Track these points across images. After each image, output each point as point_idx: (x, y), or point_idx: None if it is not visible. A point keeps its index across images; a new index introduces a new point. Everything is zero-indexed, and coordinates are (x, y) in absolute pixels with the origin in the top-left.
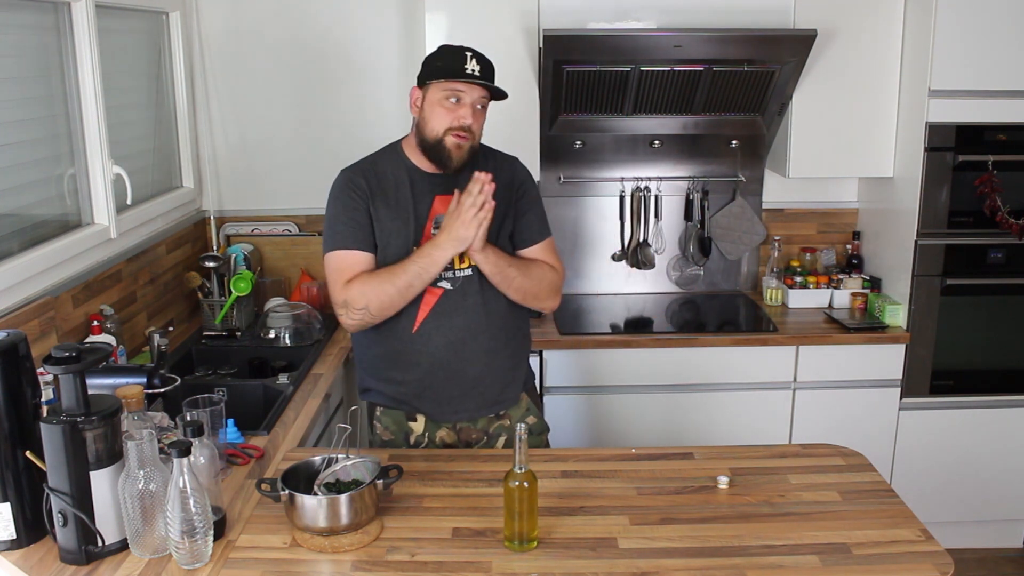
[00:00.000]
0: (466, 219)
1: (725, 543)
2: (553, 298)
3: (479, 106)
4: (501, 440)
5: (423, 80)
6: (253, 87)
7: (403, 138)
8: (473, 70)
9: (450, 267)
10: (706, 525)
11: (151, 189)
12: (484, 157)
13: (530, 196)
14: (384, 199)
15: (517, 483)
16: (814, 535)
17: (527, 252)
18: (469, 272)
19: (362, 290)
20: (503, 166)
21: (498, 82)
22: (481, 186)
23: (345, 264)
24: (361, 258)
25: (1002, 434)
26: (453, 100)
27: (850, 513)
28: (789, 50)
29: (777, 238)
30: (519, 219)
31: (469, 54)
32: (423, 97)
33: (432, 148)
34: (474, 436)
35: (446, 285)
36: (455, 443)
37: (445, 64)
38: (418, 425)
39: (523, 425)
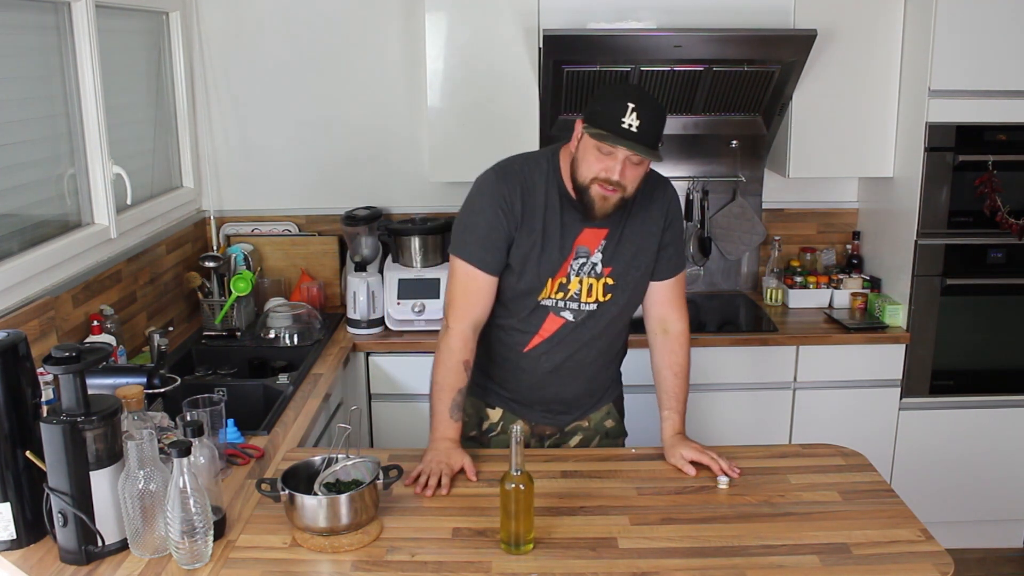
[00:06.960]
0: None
1: (725, 543)
2: None
3: (636, 160)
4: (575, 439)
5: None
6: (253, 87)
7: (563, 146)
8: (631, 125)
9: (576, 298)
10: (706, 525)
11: (151, 189)
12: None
13: (675, 228)
14: (530, 225)
15: (513, 485)
16: (814, 535)
17: (659, 284)
18: (594, 307)
19: (441, 347)
20: (656, 194)
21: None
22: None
23: (466, 285)
24: (483, 282)
25: (1002, 434)
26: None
27: (850, 513)
28: (789, 50)
29: (777, 238)
30: (660, 251)
31: (631, 106)
32: (582, 134)
33: (579, 191)
34: (548, 431)
35: (568, 316)
36: (527, 436)
37: (604, 111)
38: (495, 414)
39: (518, 428)
